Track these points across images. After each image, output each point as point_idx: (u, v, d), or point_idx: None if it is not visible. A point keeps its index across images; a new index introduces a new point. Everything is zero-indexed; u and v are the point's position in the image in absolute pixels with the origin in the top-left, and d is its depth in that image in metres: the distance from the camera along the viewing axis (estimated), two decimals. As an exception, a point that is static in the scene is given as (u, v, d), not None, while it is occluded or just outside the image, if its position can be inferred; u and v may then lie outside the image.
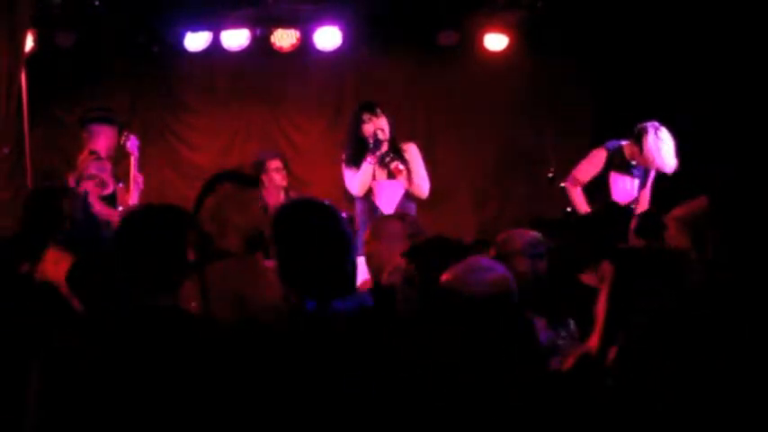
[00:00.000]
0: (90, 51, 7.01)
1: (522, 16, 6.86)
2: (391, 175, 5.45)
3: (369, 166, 5.41)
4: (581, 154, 5.81)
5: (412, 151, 5.65)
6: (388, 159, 5.42)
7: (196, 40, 6.97)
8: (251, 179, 3.59)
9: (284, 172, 6.34)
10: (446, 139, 7.55)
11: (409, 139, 7.42)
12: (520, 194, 7.30)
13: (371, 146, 5.39)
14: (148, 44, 6.99)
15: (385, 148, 5.48)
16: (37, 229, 3.82)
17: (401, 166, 5.43)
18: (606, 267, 2.38)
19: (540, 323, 3.14)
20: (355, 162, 5.47)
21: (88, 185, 5.44)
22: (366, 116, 5.45)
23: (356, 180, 5.45)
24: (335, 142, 7.51)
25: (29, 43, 5.99)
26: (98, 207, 5.29)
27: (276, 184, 6.31)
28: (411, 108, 7.51)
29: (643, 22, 6.54)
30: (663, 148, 5.44)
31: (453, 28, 7.09)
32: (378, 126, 5.44)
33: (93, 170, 5.50)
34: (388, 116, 5.50)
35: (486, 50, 7.13)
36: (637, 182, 5.61)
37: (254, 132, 7.63)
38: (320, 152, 7.51)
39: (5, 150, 5.71)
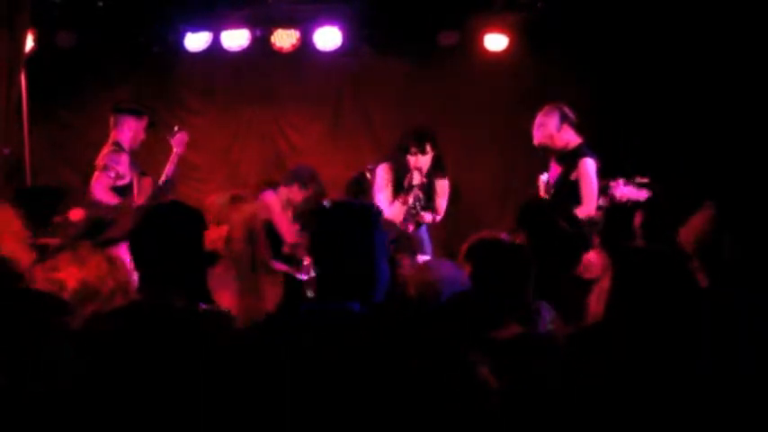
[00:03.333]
0: (90, 51, 7.01)
1: (522, 16, 6.87)
2: (418, 224, 5.52)
3: (401, 206, 5.51)
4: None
5: (443, 189, 5.70)
6: (415, 212, 5.48)
7: (196, 41, 6.98)
8: None
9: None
10: (446, 140, 7.50)
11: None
12: (520, 194, 7.29)
13: (405, 188, 5.47)
14: (148, 44, 7.00)
15: (416, 192, 5.54)
16: None
17: (428, 218, 5.52)
18: (605, 263, 2.38)
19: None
20: (395, 191, 5.56)
21: (101, 177, 5.49)
22: (413, 149, 5.51)
23: (391, 211, 5.53)
24: (335, 142, 7.54)
25: (29, 43, 5.99)
26: (100, 195, 5.32)
27: (292, 201, 6.33)
28: (411, 108, 7.51)
29: (643, 21, 6.54)
30: (535, 123, 5.58)
31: (453, 28, 7.09)
32: (419, 165, 5.50)
33: (107, 161, 5.56)
34: (433, 148, 5.56)
35: (486, 51, 7.12)
36: (560, 169, 5.61)
37: (254, 132, 7.63)
38: (320, 152, 7.51)
39: (5, 151, 5.71)
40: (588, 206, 5.33)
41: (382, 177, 5.68)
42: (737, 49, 6.32)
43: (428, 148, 5.55)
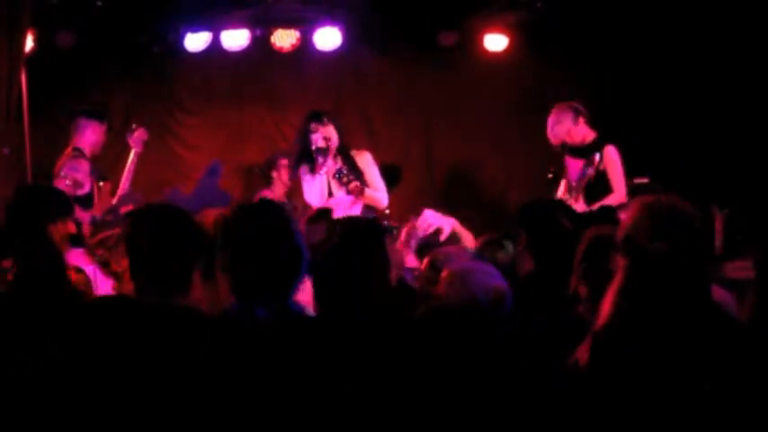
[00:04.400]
0: (90, 51, 7.00)
1: (521, 16, 6.87)
2: (345, 185, 5.46)
3: (322, 176, 5.48)
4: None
5: (366, 160, 5.66)
6: (345, 179, 5.41)
7: (196, 41, 6.97)
8: None
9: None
10: (445, 140, 7.55)
11: (409, 139, 7.50)
12: (519, 194, 7.29)
13: (317, 155, 5.44)
14: (148, 44, 6.99)
15: (336, 162, 5.49)
16: None
17: (358, 185, 5.44)
18: (619, 261, 2.37)
19: None
20: (310, 170, 5.55)
21: (59, 185, 5.36)
22: (313, 125, 5.50)
23: (314, 194, 5.54)
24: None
25: (29, 43, 5.98)
26: None
27: (284, 181, 6.37)
28: (411, 108, 7.51)
29: (643, 21, 6.55)
30: (549, 120, 5.62)
31: (453, 28, 7.09)
32: (324, 134, 5.48)
33: (65, 170, 5.41)
34: (336, 124, 5.56)
35: (485, 51, 7.13)
36: (581, 163, 5.60)
37: (253, 133, 7.62)
38: (320, 152, 7.50)
39: (5, 151, 5.70)
40: (620, 192, 5.39)
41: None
42: (737, 48, 6.32)
43: (325, 119, 5.52)
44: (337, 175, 5.39)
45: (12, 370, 2.57)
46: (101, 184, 5.57)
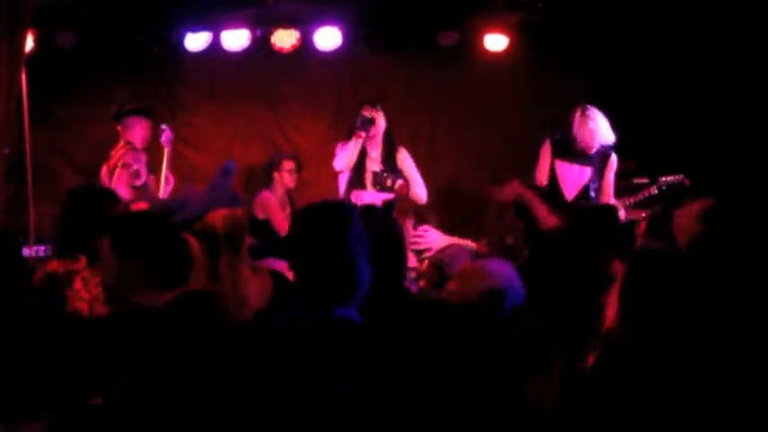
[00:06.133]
0: (90, 51, 7.01)
1: (522, 17, 6.87)
2: (388, 189, 5.49)
3: (357, 141, 5.56)
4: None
5: (405, 158, 5.74)
6: (389, 182, 5.45)
7: (196, 41, 6.98)
8: None
9: (296, 175, 6.44)
10: (446, 140, 7.55)
11: (409, 139, 7.49)
12: (520, 194, 7.29)
13: (359, 124, 5.53)
14: (148, 44, 7.00)
15: (375, 133, 5.55)
16: None
17: (404, 184, 5.49)
18: (618, 267, 2.38)
19: None
20: (346, 138, 5.70)
21: (122, 174, 5.50)
22: (365, 105, 5.69)
23: (341, 156, 5.65)
24: (336, 142, 7.53)
25: (29, 43, 5.98)
26: (129, 196, 5.33)
27: (285, 183, 6.40)
28: (411, 109, 7.51)
29: (642, 21, 6.55)
30: (590, 126, 5.39)
31: (453, 28, 7.10)
32: (373, 114, 5.60)
33: (128, 159, 5.58)
34: (387, 115, 5.61)
35: (486, 51, 7.13)
36: (588, 170, 5.58)
37: (254, 133, 7.62)
38: (320, 152, 7.49)
39: (5, 151, 5.70)
40: (611, 199, 5.44)
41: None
42: (737, 47, 6.32)
43: (378, 107, 5.70)
44: (378, 180, 5.46)
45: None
46: (152, 176, 5.83)
